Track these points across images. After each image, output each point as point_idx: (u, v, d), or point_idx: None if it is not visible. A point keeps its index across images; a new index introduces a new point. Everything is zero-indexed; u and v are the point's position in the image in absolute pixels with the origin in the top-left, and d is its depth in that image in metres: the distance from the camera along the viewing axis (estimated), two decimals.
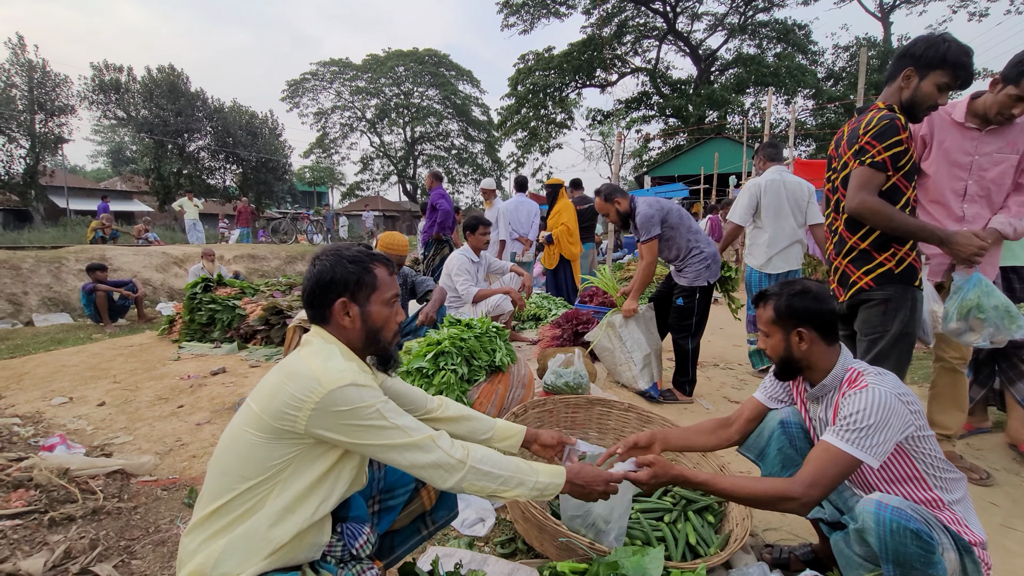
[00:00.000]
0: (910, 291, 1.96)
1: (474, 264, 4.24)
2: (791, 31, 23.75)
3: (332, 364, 1.12)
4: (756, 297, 1.65)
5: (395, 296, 1.28)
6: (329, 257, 1.23)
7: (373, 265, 1.24)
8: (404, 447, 1.13)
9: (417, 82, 34.73)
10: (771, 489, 1.36)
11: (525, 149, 28.08)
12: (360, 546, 1.18)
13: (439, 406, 1.51)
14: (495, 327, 2.60)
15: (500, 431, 1.55)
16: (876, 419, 1.34)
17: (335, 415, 1.08)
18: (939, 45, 1.85)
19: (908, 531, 1.19)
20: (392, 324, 1.27)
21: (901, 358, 1.99)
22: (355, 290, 1.21)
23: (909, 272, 1.95)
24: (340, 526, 1.21)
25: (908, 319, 1.96)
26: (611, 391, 3.35)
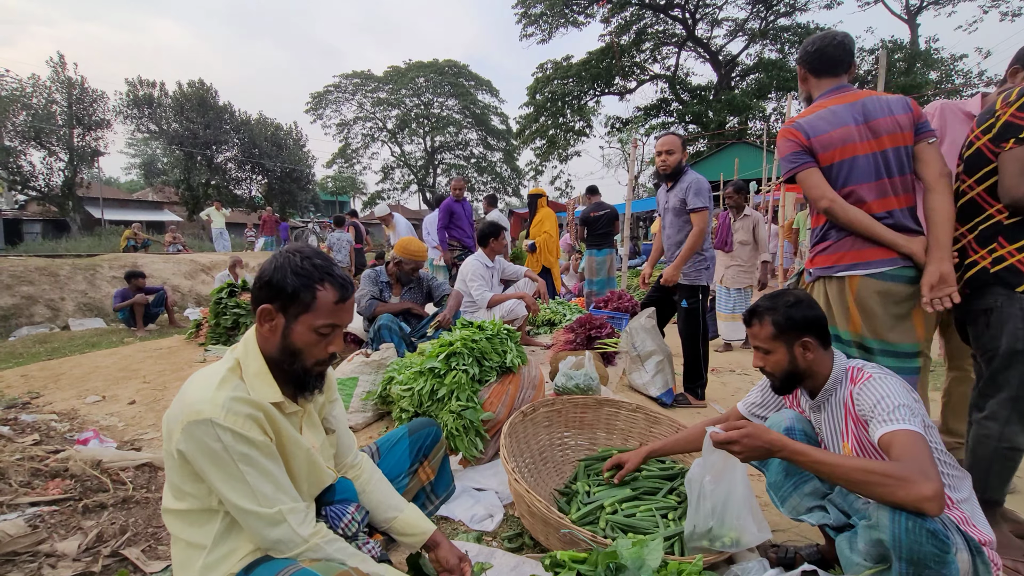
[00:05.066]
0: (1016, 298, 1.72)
1: (488, 269, 4.30)
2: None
3: (206, 391, 1.05)
4: (748, 315, 1.62)
5: (332, 328, 1.15)
6: (282, 257, 1.14)
7: (321, 285, 1.12)
8: (246, 512, 1.05)
9: (437, 92, 35.24)
10: (891, 468, 1.20)
11: (543, 157, 28.21)
12: (345, 524, 1.23)
13: (356, 468, 1.41)
14: (507, 329, 2.66)
15: (402, 523, 1.37)
16: (904, 399, 1.36)
17: (195, 445, 1.02)
18: None
19: (925, 530, 1.18)
20: (315, 353, 1.15)
21: None
22: (286, 301, 1.11)
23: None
24: (324, 509, 1.25)
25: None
26: (623, 394, 3.37)
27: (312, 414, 1.29)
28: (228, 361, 1.15)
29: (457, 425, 2.25)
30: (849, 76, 2.03)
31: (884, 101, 1.91)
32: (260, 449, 1.07)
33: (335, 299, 1.14)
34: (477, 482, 2.18)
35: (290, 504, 1.09)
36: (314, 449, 1.24)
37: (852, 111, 1.90)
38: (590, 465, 2.13)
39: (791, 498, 1.61)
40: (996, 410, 1.77)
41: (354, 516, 1.27)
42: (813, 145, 1.93)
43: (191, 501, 1.10)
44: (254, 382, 1.12)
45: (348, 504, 1.29)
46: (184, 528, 1.11)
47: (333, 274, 1.15)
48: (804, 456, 1.31)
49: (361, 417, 2.73)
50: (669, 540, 1.62)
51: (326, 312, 1.13)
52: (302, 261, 1.13)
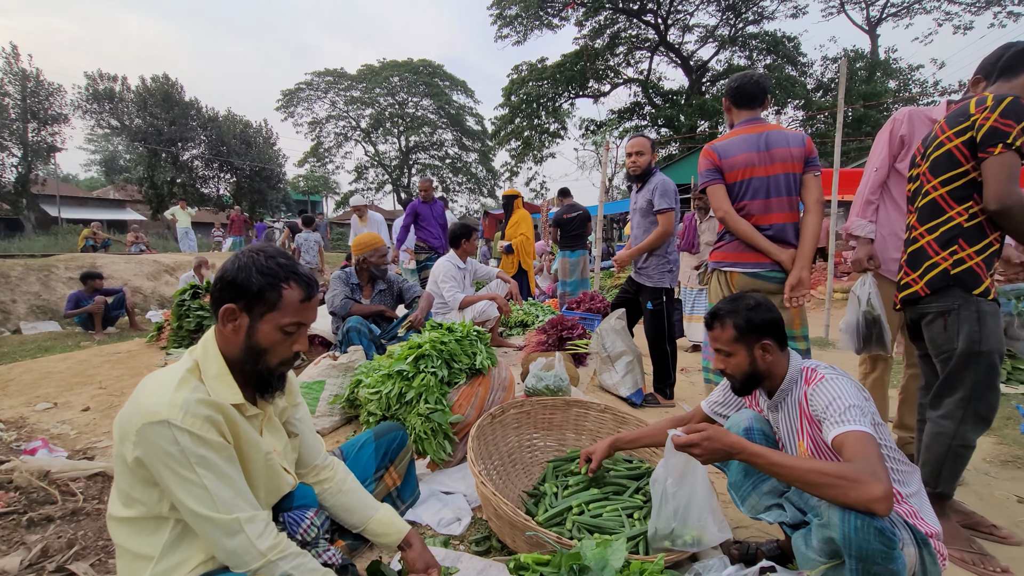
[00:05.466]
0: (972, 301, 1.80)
1: (460, 270, 4.28)
2: (781, 43, 24.09)
3: (163, 393, 1.02)
4: (708, 318, 1.66)
5: (298, 326, 1.15)
6: (245, 257, 1.13)
7: (286, 284, 1.12)
8: (203, 518, 1.01)
9: (411, 92, 34.95)
10: (843, 470, 1.23)
11: (519, 158, 28.24)
12: (304, 530, 1.21)
13: (328, 469, 1.38)
14: (476, 331, 2.65)
15: (378, 523, 1.37)
16: (855, 399, 1.40)
17: (150, 448, 0.99)
18: None
19: (873, 528, 1.22)
20: (281, 352, 1.14)
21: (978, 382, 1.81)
22: (251, 301, 1.10)
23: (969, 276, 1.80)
24: (282, 516, 1.22)
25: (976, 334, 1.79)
26: (594, 394, 3.39)
27: (273, 417, 1.26)
28: (186, 362, 1.12)
29: (425, 428, 2.22)
30: (763, 109, 2.46)
31: (785, 135, 2.34)
32: (219, 452, 1.04)
33: (301, 297, 1.14)
34: (445, 485, 2.16)
35: (249, 512, 1.06)
36: (274, 453, 1.21)
37: (757, 140, 2.32)
38: (559, 466, 2.14)
39: (750, 497, 1.65)
40: (952, 409, 1.84)
41: (313, 521, 1.24)
42: (722, 165, 2.37)
43: (139, 508, 1.06)
44: (214, 383, 1.10)
45: (307, 510, 1.26)
46: (131, 537, 1.07)
47: (298, 272, 1.15)
48: (761, 458, 1.35)
49: (328, 421, 2.68)
50: (634, 539, 1.63)
51: (292, 311, 1.13)
52: (266, 260, 1.12)
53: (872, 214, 2.49)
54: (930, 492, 1.87)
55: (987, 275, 1.80)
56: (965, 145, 1.76)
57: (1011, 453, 2.72)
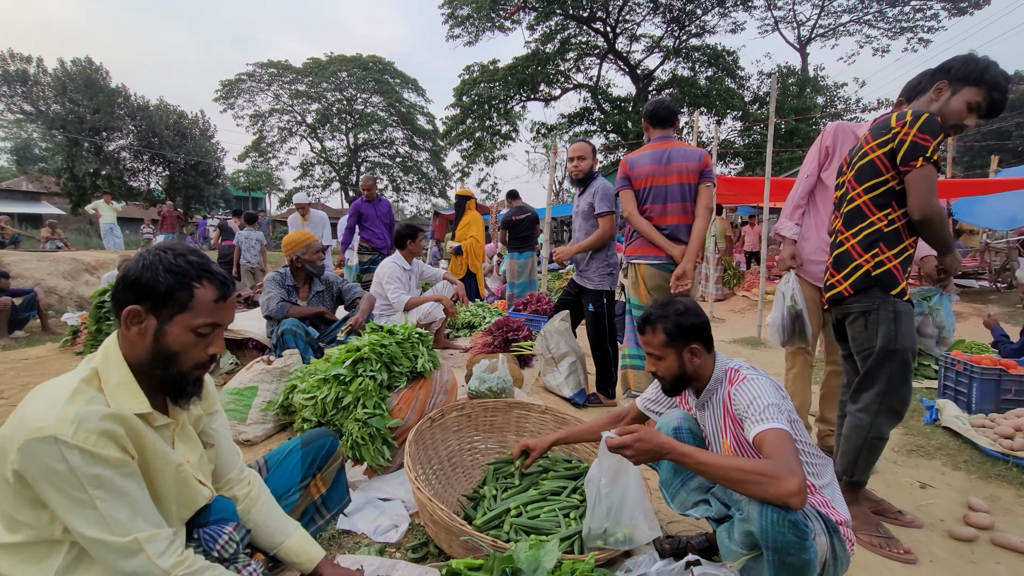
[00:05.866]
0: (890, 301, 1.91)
1: (406, 272, 4.21)
2: (721, 56, 25.28)
3: (52, 406, 0.93)
4: (641, 323, 1.71)
5: (212, 327, 1.09)
6: (151, 255, 1.06)
7: (198, 283, 1.06)
8: (96, 542, 0.94)
9: (360, 88, 34.11)
10: (763, 467, 1.30)
11: (470, 159, 28.16)
12: (222, 546, 1.14)
13: (243, 484, 1.32)
14: (419, 333, 2.60)
15: (288, 550, 1.31)
16: (773, 398, 1.47)
17: (34, 466, 0.91)
18: (979, 62, 1.83)
19: (787, 521, 1.29)
20: (194, 355, 1.08)
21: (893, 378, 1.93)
22: (158, 302, 1.03)
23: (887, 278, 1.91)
24: (197, 532, 1.15)
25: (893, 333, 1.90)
26: (538, 396, 3.42)
27: (187, 426, 1.18)
28: (82, 371, 1.03)
29: (363, 434, 2.16)
30: (674, 128, 2.92)
31: (685, 151, 2.80)
32: (116, 469, 0.96)
33: (215, 297, 1.08)
34: (383, 492, 2.11)
35: (149, 531, 0.98)
36: (188, 465, 1.13)
37: (662, 155, 2.81)
38: (499, 468, 2.13)
39: (679, 494, 1.71)
40: (868, 403, 1.96)
41: (232, 536, 1.18)
42: (631, 175, 2.88)
43: (27, 532, 0.96)
44: (116, 392, 1.01)
45: (225, 524, 1.19)
46: (17, 564, 0.97)
47: (211, 271, 1.09)
48: (689, 458, 1.39)
49: (261, 429, 2.56)
50: (569, 539, 1.65)
51: (206, 311, 1.07)
52: (175, 258, 1.05)
53: (799, 217, 2.66)
54: (847, 480, 2.02)
55: (903, 277, 1.92)
56: (886, 156, 1.87)
57: (915, 443, 2.97)
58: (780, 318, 2.56)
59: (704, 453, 1.41)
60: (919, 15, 24.24)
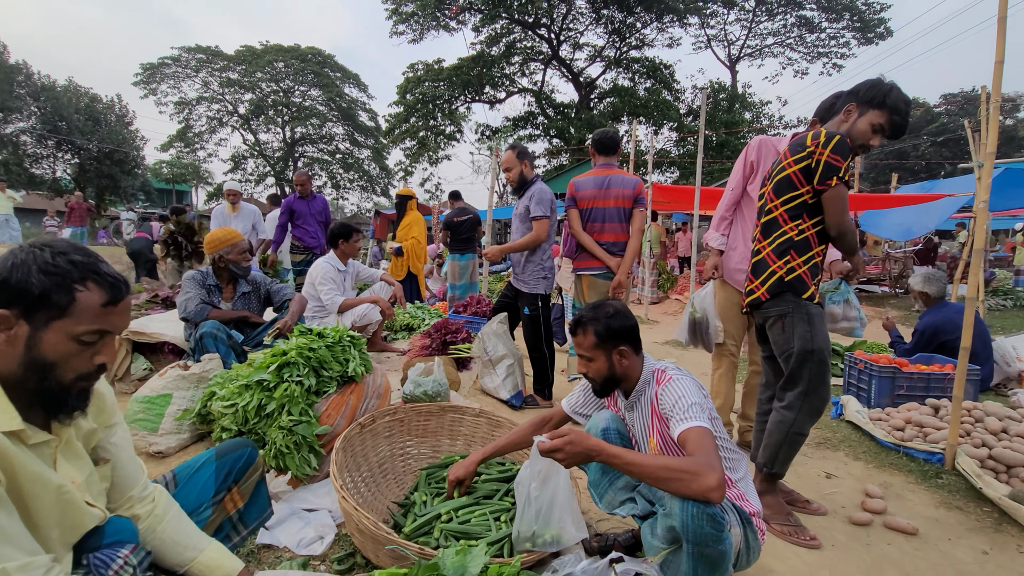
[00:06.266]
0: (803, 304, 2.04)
1: (340, 272, 4.08)
2: (659, 69, 26.38)
3: None
4: (573, 326, 1.75)
5: (99, 335, 0.98)
6: (24, 253, 0.94)
7: (81, 285, 0.95)
8: None
9: (299, 80, 32.72)
10: (686, 464, 1.36)
11: (413, 158, 27.72)
12: (116, 572, 1.05)
13: (146, 501, 1.21)
14: (350, 336, 2.53)
15: (202, 565, 1.21)
16: (696, 397, 1.54)
17: None
18: (883, 87, 1.95)
19: (706, 515, 1.35)
20: (77, 365, 0.97)
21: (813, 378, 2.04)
22: (31, 306, 0.92)
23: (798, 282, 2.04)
24: (87, 557, 1.04)
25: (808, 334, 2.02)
26: (475, 398, 3.41)
27: (74, 442, 1.07)
28: None
29: (288, 442, 2.07)
30: (616, 156, 3.33)
31: (623, 179, 3.21)
32: (102, 455, 0.88)
33: (102, 301, 0.97)
34: (309, 502, 2.02)
35: (21, 559, 0.87)
36: (72, 485, 1.03)
37: (603, 181, 3.20)
38: (432, 473, 2.11)
39: (607, 494, 1.76)
40: (792, 401, 2.08)
41: (128, 559, 1.08)
42: (577, 196, 3.27)
43: None
44: None
45: (121, 547, 1.08)
46: None
47: (99, 272, 0.98)
48: (618, 459, 1.43)
49: (175, 440, 2.39)
50: (499, 543, 1.65)
51: (91, 316, 0.96)
52: (53, 257, 0.94)
53: (726, 228, 2.81)
54: (767, 472, 2.15)
55: (812, 282, 2.06)
56: (802, 172, 2.00)
57: (823, 436, 3.21)
58: (685, 323, 2.87)
59: (632, 454, 1.46)
60: (833, 42, 26.48)
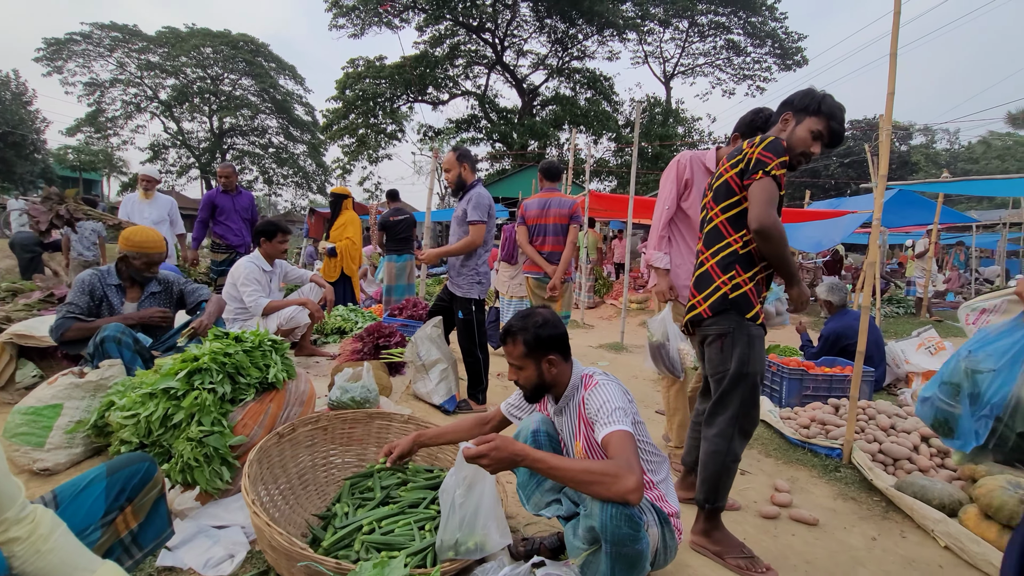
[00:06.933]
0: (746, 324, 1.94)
1: (266, 273, 3.87)
2: (599, 80, 27.23)
3: None
4: (503, 335, 1.74)
5: None
6: None
7: None
8: None
9: (228, 68, 30.94)
10: (606, 467, 1.39)
11: (352, 156, 26.93)
12: None
13: (24, 523, 1.07)
14: (272, 340, 2.39)
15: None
16: (620, 402, 1.58)
17: None
18: (815, 94, 1.93)
19: (624, 515, 1.39)
20: None
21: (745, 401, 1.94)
22: None
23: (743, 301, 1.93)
24: None
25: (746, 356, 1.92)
26: (407, 404, 3.34)
27: None
28: None
29: (197, 454, 1.92)
30: (559, 182, 4.20)
31: (561, 200, 4.04)
32: None
33: None
34: (220, 518, 1.89)
35: None
36: None
37: (545, 203, 4.05)
38: (356, 483, 2.04)
39: (534, 495, 1.77)
40: (724, 428, 1.95)
41: None
42: (525, 215, 4.13)
43: None
44: None
45: None
46: None
47: None
48: (542, 463, 1.45)
49: (64, 455, 2.15)
50: (422, 552, 1.61)
51: None
52: None
53: (666, 246, 2.75)
54: (710, 508, 2.01)
55: (757, 301, 1.95)
56: (738, 176, 1.93)
57: None
58: (651, 353, 2.63)
59: (555, 458, 1.48)
60: (757, 66, 28.48)
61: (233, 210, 5.21)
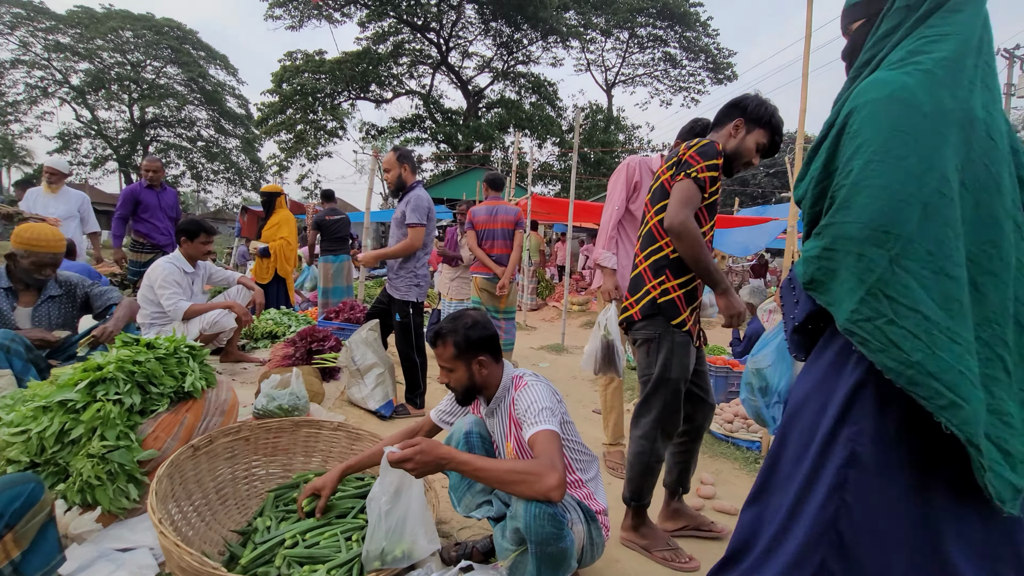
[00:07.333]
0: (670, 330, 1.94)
1: (187, 275, 3.63)
2: (543, 85, 27.62)
3: None
4: (433, 337, 1.72)
5: None
6: None
7: None
8: None
9: (151, 55, 28.86)
10: (529, 466, 1.41)
11: (289, 153, 25.79)
12: None
13: None
14: (189, 346, 2.25)
15: None
16: (548, 402, 1.59)
17: None
18: (768, 106, 1.92)
19: (547, 515, 1.40)
20: None
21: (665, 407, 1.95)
22: None
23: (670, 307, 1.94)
24: None
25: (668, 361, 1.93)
26: (341, 410, 3.23)
27: None
28: None
29: (99, 472, 1.77)
30: (501, 192, 4.60)
31: (507, 208, 4.43)
32: None
33: None
34: (125, 540, 1.74)
35: None
36: None
37: (493, 210, 4.41)
38: (281, 495, 1.94)
39: (465, 497, 1.76)
40: (648, 430, 1.98)
41: None
42: (474, 220, 4.45)
43: None
44: None
45: None
46: None
47: None
48: (468, 465, 1.45)
49: None
50: (348, 564, 1.56)
51: None
52: None
53: (614, 247, 2.80)
54: (635, 506, 2.06)
55: (686, 308, 1.94)
56: (671, 178, 1.94)
57: None
58: (596, 349, 2.51)
59: (480, 459, 1.48)
60: (692, 79, 29.88)
61: (159, 207, 4.85)
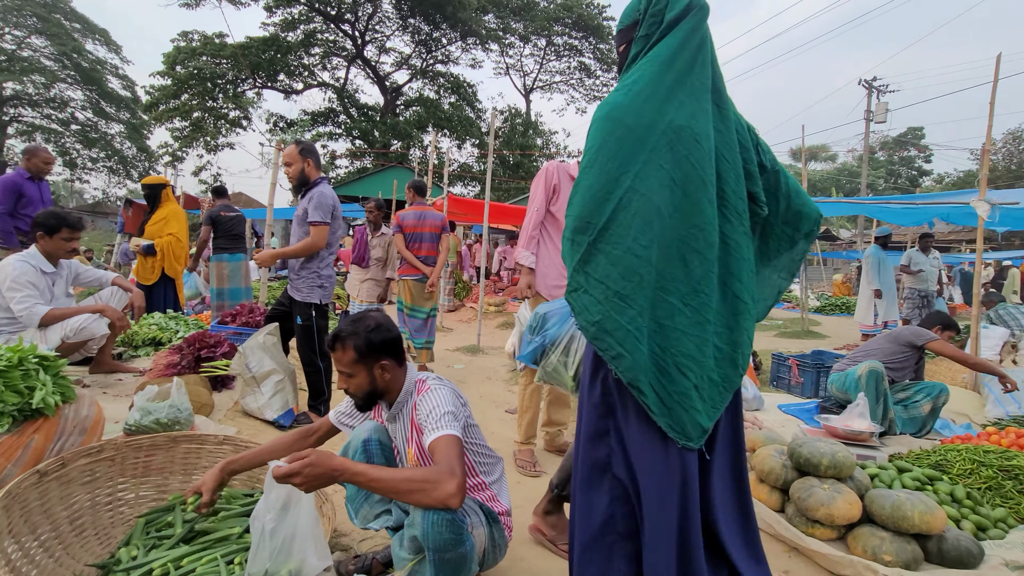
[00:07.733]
0: None
1: (45, 275, 3.18)
2: (463, 86, 27.54)
3: None
4: (331, 340, 1.64)
5: None
6: None
7: None
8: None
9: (10, 22, 25.09)
10: (427, 474, 1.36)
11: (185, 142, 23.57)
12: None
13: None
14: (40, 356, 1.96)
15: None
16: (450, 406, 1.55)
17: None
18: None
19: (445, 521, 1.37)
20: None
21: None
22: None
23: None
24: None
25: None
26: (233, 422, 2.99)
27: None
28: None
29: None
30: (425, 197, 4.95)
31: (434, 213, 4.76)
32: None
33: None
34: None
35: None
36: None
37: (421, 214, 4.70)
38: (153, 520, 1.75)
39: (363, 508, 1.69)
40: None
41: None
42: (403, 224, 4.69)
43: None
44: None
45: None
46: None
47: None
48: (363, 476, 1.37)
49: None
50: None
51: None
52: None
53: (535, 247, 2.95)
54: (558, 493, 2.10)
55: None
56: None
57: None
58: (514, 343, 2.73)
59: (376, 469, 1.41)
60: (606, 89, 31.18)
61: (41, 201, 4.31)
